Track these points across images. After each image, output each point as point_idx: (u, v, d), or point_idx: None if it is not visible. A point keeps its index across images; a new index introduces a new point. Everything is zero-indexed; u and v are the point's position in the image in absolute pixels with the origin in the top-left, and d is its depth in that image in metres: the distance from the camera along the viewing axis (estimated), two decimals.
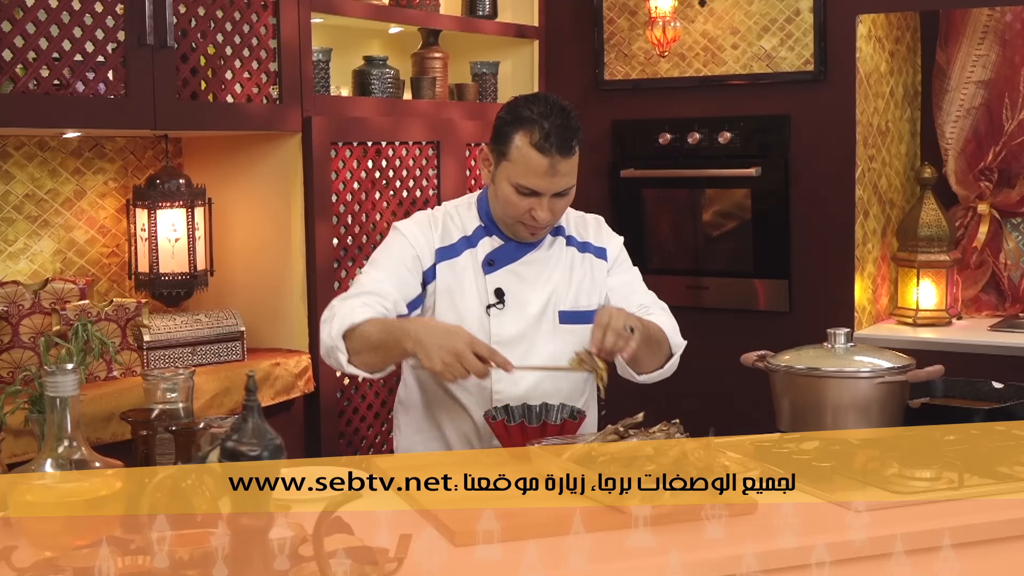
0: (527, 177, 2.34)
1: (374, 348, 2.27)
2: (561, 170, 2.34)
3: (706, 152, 4.01)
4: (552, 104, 2.35)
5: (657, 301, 2.60)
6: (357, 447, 3.56)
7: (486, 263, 2.47)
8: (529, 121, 2.33)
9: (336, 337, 2.29)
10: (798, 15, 3.83)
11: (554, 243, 2.54)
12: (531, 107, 2.35)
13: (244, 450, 1.38)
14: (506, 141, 2.36)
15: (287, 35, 3.29)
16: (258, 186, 3.45)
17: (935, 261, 3.95)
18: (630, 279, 2.61)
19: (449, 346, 2.17)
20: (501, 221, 2.46)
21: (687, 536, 1.84)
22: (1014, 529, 1.95)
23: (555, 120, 2.32)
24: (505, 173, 2.37)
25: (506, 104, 2.43)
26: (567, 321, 2.50)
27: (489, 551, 1.78)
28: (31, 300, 2.84)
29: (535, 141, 2.32)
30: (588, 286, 2.54)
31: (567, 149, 2.33)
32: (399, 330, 2.26)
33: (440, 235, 2.48)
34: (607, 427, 2.10)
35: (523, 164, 2.33)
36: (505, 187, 2.38)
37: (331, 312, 2.38)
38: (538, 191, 2.35)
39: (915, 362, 2.25)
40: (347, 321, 2.29)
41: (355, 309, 2.32)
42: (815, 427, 2.24)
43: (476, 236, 2.49)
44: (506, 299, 2.45)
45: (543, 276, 2.50)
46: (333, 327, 2.31)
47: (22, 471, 1.75)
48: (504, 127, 2.38)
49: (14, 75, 2.70)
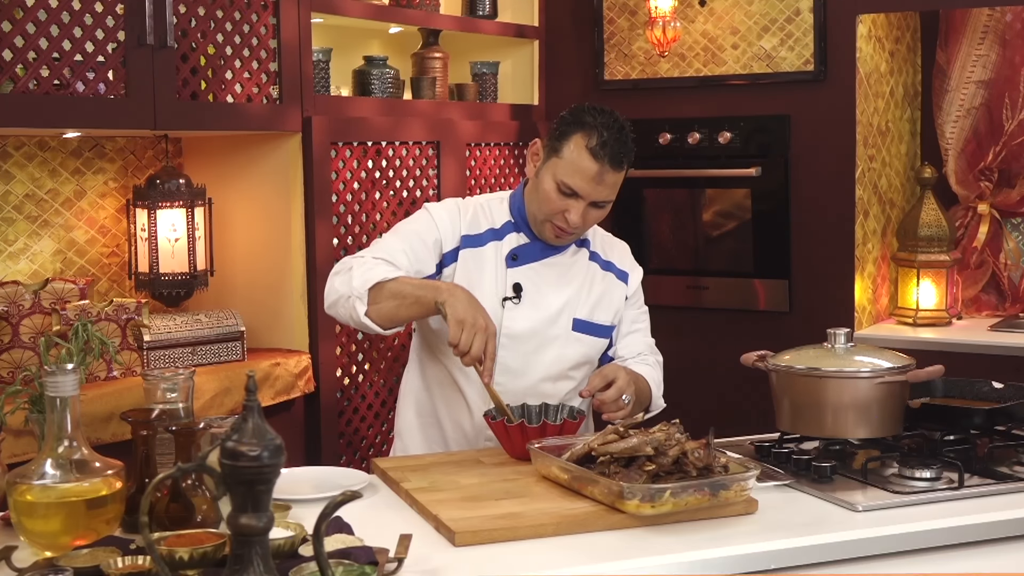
0: (573, 177, 2.38)
1: (403, 297, 2.31)
2: (607, 180, 2.39)
3: (706, 152, 4.01)
4: (615, 119, 2.41)
5: (654, 350, 2.66)
6: (357, 447, 3.56)
7: (510, 257, 2.50)
8: (591, 126, 2.38)
9: (360, 287, 2.32)
10: (798, 15, 3.83)
11: (578, 253, 2.57)
12: (595, 115, 2.41)
13: (244, 450, 1.37)
14: (563, 139, 2.41)
15: (287, 35, 3.29)
16: (258, 186, 3.45)
17: (935, 261, 3.95)
18: (640, 319, 2.65)
19: (476, 315, 2.24)
20: (532, 218, 2.49)
21: (687, 536, 1.84)
22: (1014, 529, 1.95)
23: (614, 133, 2.38)
24: (552, 169, 2.42)
25: (570, 108, 2.48)
26: (580, 330, 2.52)
27: (489, 551, 1.78)
28: (31, 300, 2.84)
29: (591, 145, 2.37)
30: (606, 303, 2.57)
31: (618, 162, 2.39)
32: (436, 285, 2.34)
33: (468, 222, 2.52)
34: (607, 427, 2.10)
35: (573, 164, 2.38)
36: (548, 182, 2.41)
37: (345, 266, 2.41)
38: (579, 194, 2.39)
39: (915, 362, 2.25)
40: (375, 275, 2.33)
41: (379, 267, 2.36)
42: (815, 427, 2.24)
43: (504, 230, 2.52)
44: (523, 295, 2.48)
45: (563, 280, 2.53)
46: (355, 278, 2.34)
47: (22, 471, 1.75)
48: (564, 126, 2.43)
49: (14, 75, 2.70)
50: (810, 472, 2.12)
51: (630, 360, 2.56)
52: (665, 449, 1.94)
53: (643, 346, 2.62)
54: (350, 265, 2.40)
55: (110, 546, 1.71)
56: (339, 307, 2.39)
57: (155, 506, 1.82)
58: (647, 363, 2.58)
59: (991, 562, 1.93)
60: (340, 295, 2.38)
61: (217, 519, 1.85)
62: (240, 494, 1.39)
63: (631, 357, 2.57)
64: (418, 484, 2.08)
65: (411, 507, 2.01)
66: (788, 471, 2.16)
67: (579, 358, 2.52)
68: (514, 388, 2.43)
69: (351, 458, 3.52)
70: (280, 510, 1.86)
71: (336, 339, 3.46)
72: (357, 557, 1.65)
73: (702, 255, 4.11)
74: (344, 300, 2.36)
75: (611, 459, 1.98)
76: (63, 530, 1.71)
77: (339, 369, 3.48)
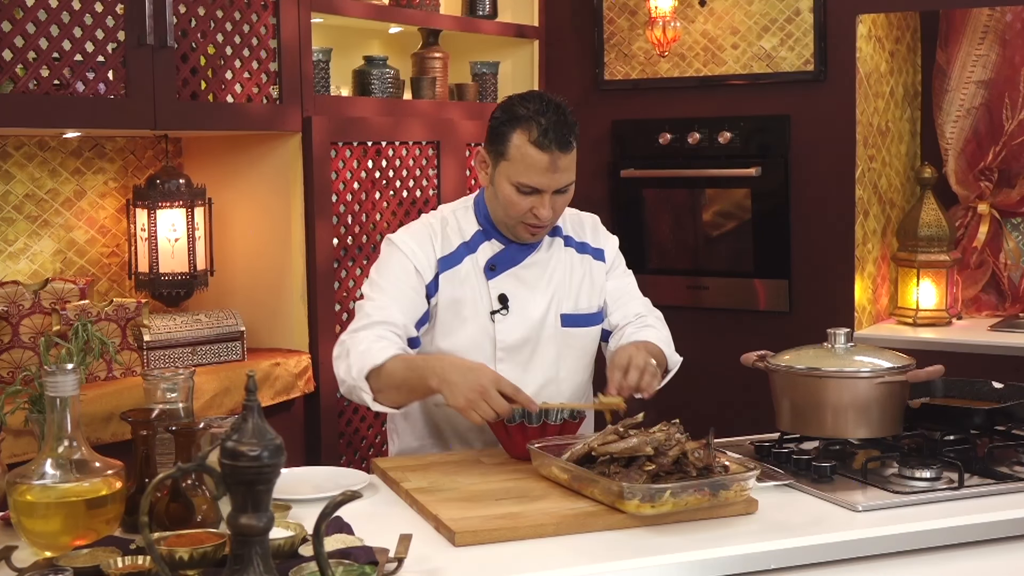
0: (527, 175, 2.32)
1: (398, 387, 2.23)
2: (561, 166, 2.32)
3: (706, 152, 4.01)
4: (547, 101, 2.34)
5: (652, 309, 2.60)
6: (357, 447, 3.56)
7: (487, 268, 2.44)
8: (525, 119, 2.31)
9: (359, 378, 2.24)
10: (798, 15, 3.83)
11: (553, 244, 2.52)
12: (526, 105, 2.33)
13: (244, 450, 1.37)
14: (503, 141, 2.35)
15: (287, 35, 3.29)
16: (258, 186, 3.45)
17: (935, 261, 3.95)
18: (626, 284, 2.60)
19: (475, 383, 2.12)
20: (501, 223, 2.44)
21: (687, 536, 1.84)
22: (1014, 529, 1.95)
23: (551, 116, 2.31)
24: (505, 173, 2.35)
25: (500, 104, 2.41)
26: (569, 324, 2.48)
27: (489, 551, 1.78)
28: (31, 300, 2.84)
29: (533, 138, 2.30)
30: (588, 288, 2.53)
31: (566, 144, 2.32)
32: (423, 368, 2.21)
33: (440, 244, 2.44)
34: (607, 427, 2.09)
35: (523, 162, 2.32)
36: (505, 187, 2.35)
37: (343, 348, 2.33)
38: (540, 188, 2.33)
39: (915, 362, 2.25)
40: (368, 361, 2.24)
41: (372, 345, 2.27)
42: (815, 427, 2.24)
43: (475, 241, 2.46)
44: (510, 304, 2.44)
45: (544, 279, 2.48)
46: (352, 366, 2.26)
47: (22, 471, 1.75)
48: (500, 127, 2.36)
49: (14, 75, 2.70)
50: (810, 472, 2.12)
51: (629, 326, 2.51)
52: (665, 449, 1.94)
53: (639, 307, 2.56)
54: (347, 348, 2.31)
55: (110, 546, 1.71)
56: (353, 396, 2.31)
57: (155, 506, 1.81)
58: (648, 325, 2.52)
59: (991, 562, 1.93)
60: (346, 384, 2.30)
61: (217, 519, 1.85)
62: (240, 494, 1.39)
63: (629, 323, 2.52)
64: (418, 484, 2.08)
65: (411, 507, 2.01)
66: (788, 471, 2.15)
67: (579, 352, 2.50)
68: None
69: (351, 458, 3.52)
70: (280, 510, 1.86)
71: (336, 339, 3.44)
72: (357, 557, 1.65)
73: (702, 255, 4.11)
74: (353, 390, 2.29)
75: (611, 459, 1.98)
76: (63, 530, 1.71)
77: None
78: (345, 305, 3.48)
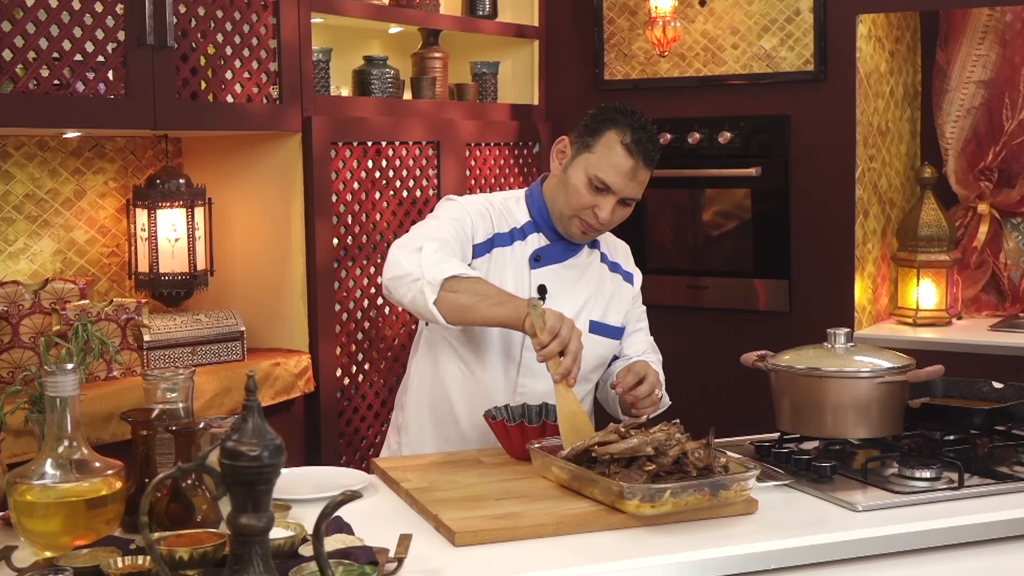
0: (607, 172, 2.39)
1: (484, 296, 2.25)
2: (639, 177, 2.41)
3: (706, 152, 4.01)
4: (645, 119, 2.44)
5: (655, 348, 2.68)
6: (357, 447, 3.56)
7: (532, 258, 2.49)
8: (624, 124, 2.40)
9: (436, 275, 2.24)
10: (798, 15, 3.83)
11: (592, 255, 2.58)
12: (626, 115, 2.43)
13: (244, 450, 1.37)
14: (595, 134, 2.42)
15: (287, 35, 3.29)
16: (258, 186, 3.45)
17: (935, 261, 3.95)
18: (642, 318, 2.67)
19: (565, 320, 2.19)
20: (558, 214, 2.48)
21: (687, 536, 1.84)
22: (1014, 529, 1.95)
23: (647, 133, 2.41)
24: (583, 164, 2.42)
25: (599, 107, 2.49)
26: (595, 331, 2.52)
27: (489, 551, 1.78)
28: (31, 300, 2.84)
29: (626, 141, 2.39)
30: (616, 304, 2.58)
31: (650, 160, 2.42)
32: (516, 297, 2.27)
33: (497, 220, 2.49)
34: (607, 427, 2.09)
35: (607, 159, 2.39)
36: (579, 177, 2.42)
37: (414, 243, 2.33)
38: (612, 188, 2.40)
39: (915, 362, 2.25)
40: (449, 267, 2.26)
41: (451, 258, 2.30)
42: (815, 427, 2.24)
43: (526, 230, 2.51)
44: (547, 297, 2.47)
45: (581, 283, 2.53)
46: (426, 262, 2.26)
47: (22, 471, 1.75)
48: (595, 123, 2.44)
49: (14, 75, 2.70)
50: (810, 472, 2.12)
51: (636, 359, 2.56)
52: (665, 449, 1.94)
53: (646, 344, 2.64)
54: (419, 245, 2.31)
55: (110, 546, 1.71)
56: (402, 284, 2.28)
57: (155, 506, 1.81)
58: (651, 361, 2.58)
59: (991, 562, 1.93)
60: (407, 273, 2.27)
61: (217, 519, 1.85)
62: (240, 494, 1.39)
63: (636, 356, 2.58)
64: (418, 484, 2.08)
65: (411, 507, 2.01)
66: (788, 471, 2.15)
67: (596, 360, 2.53)
68: (538, 390, 2.43)
69: (351, 458, 3.52)
70: (280, 510, 1.86)
71: (336, 339, 3.46)
72: (357, 557, 1.65)
73: (702, 255, 4.11)
74: (411, 281, 2.26)
75: (611, 459, 1.97)
76: (63, 530, 1.71)
77: (339, 369, 3.48)
78: (345, 305, 3.48)
